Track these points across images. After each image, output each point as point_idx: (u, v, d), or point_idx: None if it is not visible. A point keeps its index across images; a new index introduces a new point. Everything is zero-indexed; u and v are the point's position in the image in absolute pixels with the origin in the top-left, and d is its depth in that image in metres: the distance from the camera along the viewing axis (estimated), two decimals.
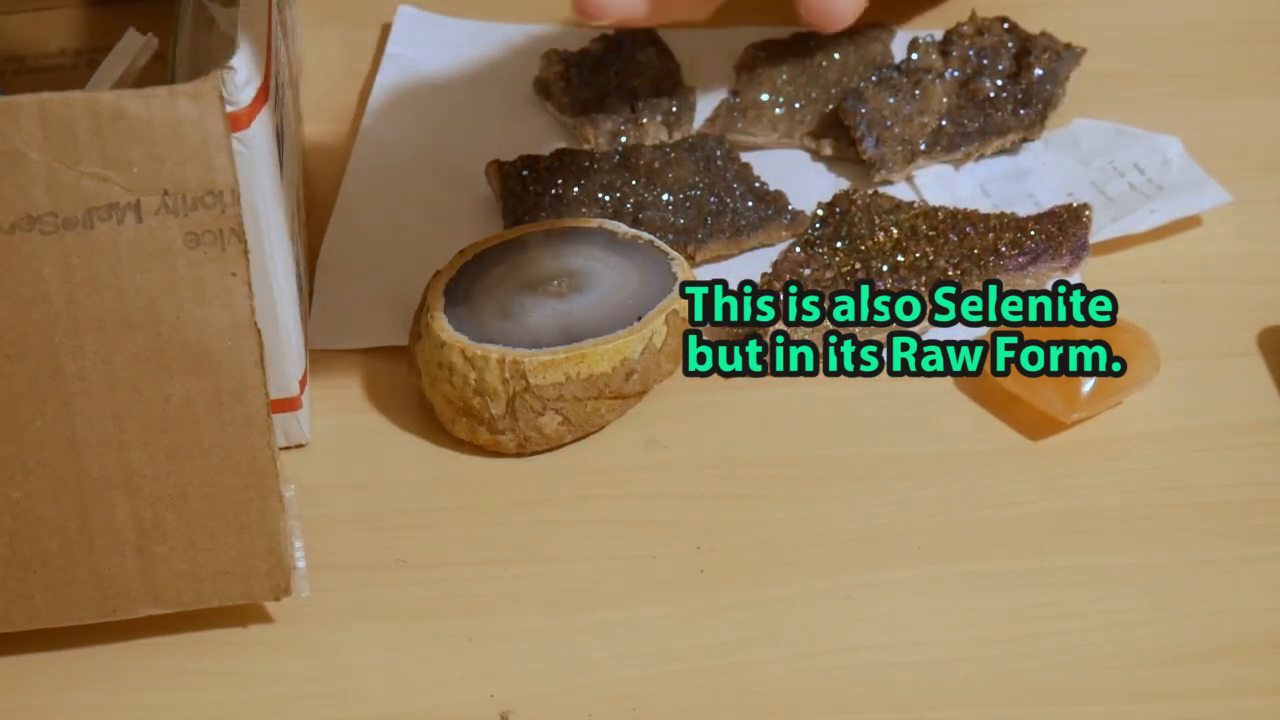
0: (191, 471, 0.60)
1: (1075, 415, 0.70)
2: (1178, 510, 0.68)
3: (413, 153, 0.85)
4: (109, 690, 0.62)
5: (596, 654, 0.63)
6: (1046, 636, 0.63)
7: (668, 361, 0.71)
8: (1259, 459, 0.70)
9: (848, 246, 0.76)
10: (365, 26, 0.94)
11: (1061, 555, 0.66)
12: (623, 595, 0.65)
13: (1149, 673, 0.62)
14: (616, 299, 0.71)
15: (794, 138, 0.84)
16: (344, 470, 0.70)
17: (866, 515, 0.68)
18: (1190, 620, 0.64)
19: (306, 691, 0.62)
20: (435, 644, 0.63)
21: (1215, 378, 0.73)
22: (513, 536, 0.67)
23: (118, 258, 0.59)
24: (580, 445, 0.71)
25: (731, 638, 0.63)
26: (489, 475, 0.70)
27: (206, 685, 0.62)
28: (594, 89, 0.86)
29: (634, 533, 0.67)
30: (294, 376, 0.69)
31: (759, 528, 0.67)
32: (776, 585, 0.65)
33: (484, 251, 0.74)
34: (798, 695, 0.62)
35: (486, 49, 0.92)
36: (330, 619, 0.64)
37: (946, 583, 0.65)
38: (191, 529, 0.61)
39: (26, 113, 0.58)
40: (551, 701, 0.61)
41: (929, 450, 0.70)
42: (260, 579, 0.62)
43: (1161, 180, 0.81)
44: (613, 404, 0.70)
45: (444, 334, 0.69)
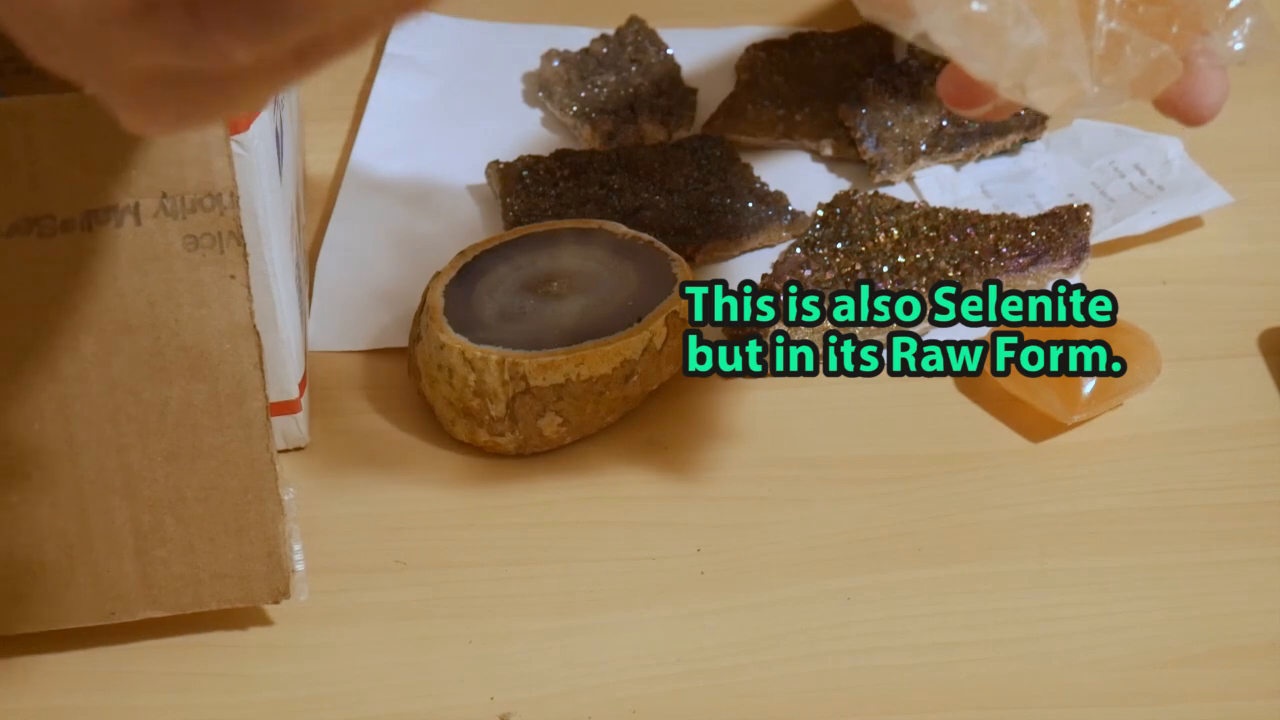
0: (190, 474, 0.60)
1: (1075, 416, 0.70)
2: (1178, 512, 0.68)
3: (412, 153, 0.85)
4: (108, 693, 0.62)
5: (597, 656, 0.63)
6: (1046, 638, 0.63)
7: (668, 362, 0.71)
8: (1259, 460, 0.70)
9: (848, 247, 0.76)
10: None
11: (1061, 557, 0.66)
12: (623, 597, 0.65)
13: (1149, 674, 0.62)
14: (616, 300, 0.71)
15: (794, 138, 0.84)
16: (343, 472, 0.70)
17: (866, 516, 0.68)
18: (1190, 622, 0.64)
19: (306, 694, 0.62)
20: (435, 646, 0.63)
21: (1216, 379, 0.73)
22: (513, 538, 0.67)
23: (116, 260, 0.59)
24: (580, 446, 0.71)
25: (732, 639, 0.63)
26: (489, 477, 0.70)
27: (206, 688, 0.62)
28: (594, 89, 0.86)
29: (634, 534, 0.67)
30: (293, 379, 0.69)
31: (759, 529, 0.67)
32: (777, 586, 0.65)
33: (484, 252, 0.74)
34: (798, 697, 0.61)
35: (486, 49, 0.92)
36: (330, 621, 0.64)
37: (946, 584, 0.65)
38: (190, 532, 0.61)
39: (25, 114, 0.58)
40: (551, 703, 0.61)
41: (929, 450, 0.70)
42: (259, 582, 0.62)
43: (1162, 181, 0.81)
44: (613, 405, 0.70)
45: (444, 335, 0.69)
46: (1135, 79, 0.52)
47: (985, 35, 0.49)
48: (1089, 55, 0.51)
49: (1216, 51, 0.53)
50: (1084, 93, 0.51)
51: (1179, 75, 0.52)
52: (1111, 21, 0.51)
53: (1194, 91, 0.53)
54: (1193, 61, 0.53)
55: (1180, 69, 0.52)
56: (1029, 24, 0.49)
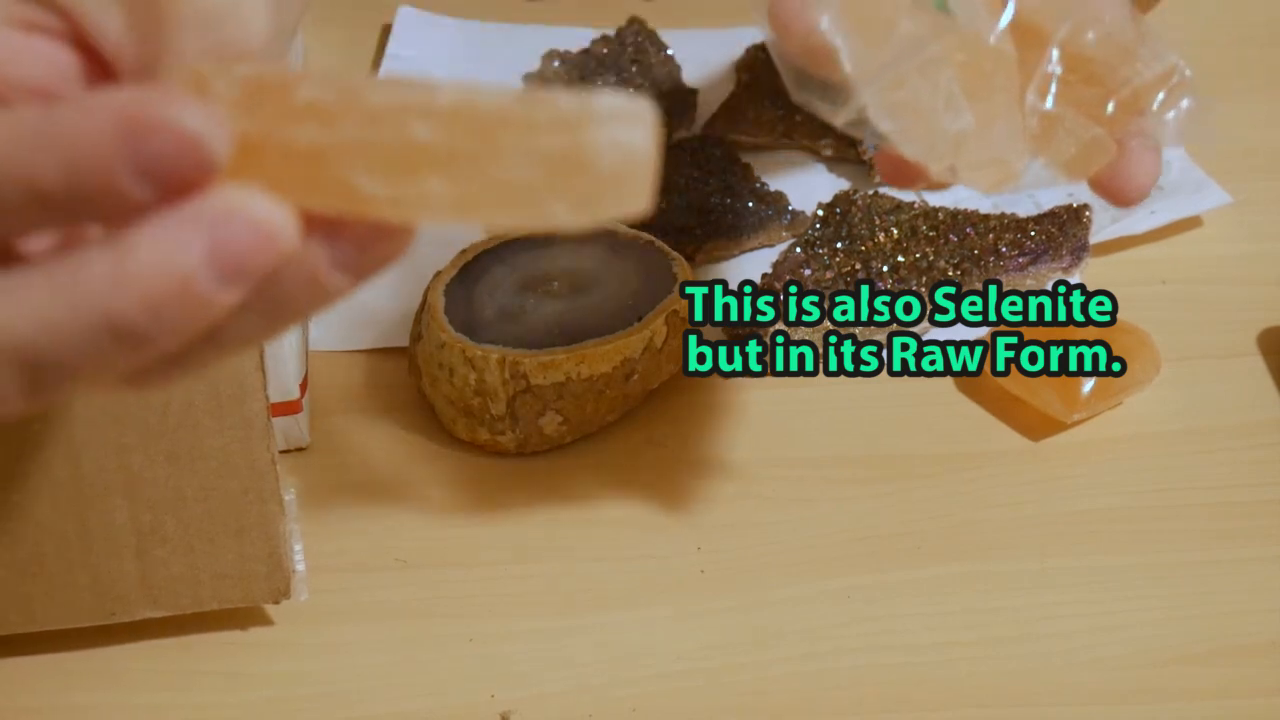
0: (191, 475, 0.60)
1: (1075, 416, 0.70)
2: (1178, 511, 0.68)
3: None
4: (108, 691, 0.62)
5: (597, 654, 0.63)
6: (1046, 637, 0.63)
7: (668, 361, 0.71)
8: (1259, 460, 0.70)
9: (848, 247, 0.76)
10: (366, 27, 0.94)
11: (1061, 556, 0.66)
12: (623, 596, 0.65)
13: (1149, 673, 0.62)
14: (617, 299, 0.71)
15: (794, 138, 0.84)
16: (344, 471, 0.70)
17: (866, 515, 0.68)
18: (1190, 621, 0.64)
19: (307, 693, 0.62)
20: (435, 645, 0.63)
21: (1215, 378, 0.73)
22: (513, 537, 0.67)
23: None
24: (580, 445, 0.71)
25: (732, 638, 0.63)
26: (489, 475, 0.70)
27: (207, 686, 0.62)
28: (594, 89, 0.86)
29: (634, 533, 0.67)
30: (294, 380, 0.69)
31: (759, 528, 0.67)
32: (777, 586, 0.65)
33: (484, 252, 0.74)
34: (798, 695, 0.61)
35: (487, 49, 0.92)
36: (330, 620, 0.64)
37: (946, 583, 0.65)
38: (190, 532, 0.61)
39: None
40: (552, 702, 0.61)
41: (929, 450, 0.70)
42: (259, 582, 0.62)
43: (1162, 181, 0.81)
44: (613, 404, 0.70)
45: (445, 334, 0.69)
46: (1069, 160, 0.52)
47: (917, 119, 0.50)
48: (1024, 134, 0.51)
49: (1151, 133, 0.53)
50: (1015, 175, 0.51)
51: (1112, 156, 0.53)
52: (1045, 103, 0.52)
53: (1124, 174, 0.53)
54: (1126, 143, 0.53)
55: (1114, 150, 0.53)
56: (959, 109, 0.50)
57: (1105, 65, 0.52)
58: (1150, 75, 0.52)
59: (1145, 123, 0.53)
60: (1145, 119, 0.53)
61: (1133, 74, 0.52)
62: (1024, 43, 0.52)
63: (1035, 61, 0.51)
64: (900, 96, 0.49)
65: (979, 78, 0.51)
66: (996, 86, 0.51)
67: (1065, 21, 0.52)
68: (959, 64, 0.50)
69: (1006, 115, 0.51)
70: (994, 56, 0.51)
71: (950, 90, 0.50)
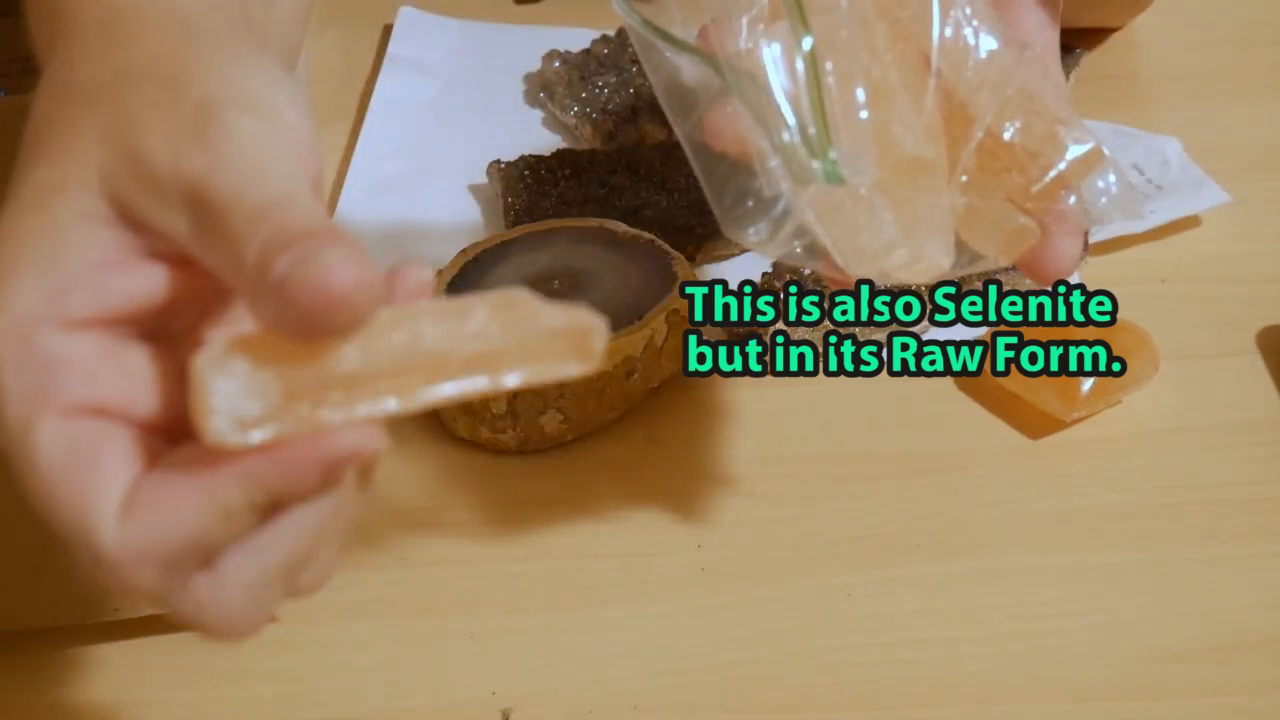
0: None
1: (1075, 414, 0.70)
2: (1177, 509, 0.68)
3: (414, 153, 0.85)
4: (112, 688, 0.62)
5: (598, 651, 0.63)
6: (1046, 634, 0.63)
7: (668, 361, 0.71)
8: (1257, 458, 0.70)
9: None
10: (367, 27, 0.94)
11: (1061, 554, 0.66)
12: (624, 593, 0.65)
13: (1148, 670, 0.62)
14: (617, 298, 0.71)
15: None
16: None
17: (866, 514, 0.68)
18: (1189, 618, 0.64)
19: (308, 688, 0.62)
20: (436, 641, 0.64)
21: (1214, 377, 0.73)
22: (514, 534, 0.67)
23: None
24: (581, 443, 0.71)
25: (732, 635, 0.64)
26: (490, 473, 0.70)
27: (209, 682, 0.62)
28: (594, 89, 0.86)
29: (634, 531, 0.67)
30: None
31: (759, 526, 0.68)
32: (777, 583, 0.65)
33: (485, 251, 0.74)
34: (798, 692, 0.62)
35: (487, 49, 0.92)
36: (332, 616, 0.64)
37: (946, 580, 0.65)
38: None
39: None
40: (553, 699, 0.62)
41: (929, 450, 0.71)
42: None
43: (1161, 180, 0.81)
44: (614, 402, 0.70)
45: None
46: (995, 246, 0.53)
47: (844, 232, 0.51)
48: (950, 225, 0.53)
49: (1074, 216, 0.54)
50: (943, 268, 0.53)
51: (1037, 239, 0.53)
52: (967, 196, 0.53)
53: (1047, 259, 0.54)
54: (1049, 226, 0.53)
55: (1038, 235, 0.53)
56: (881, 221, 0.51)
57: (1027, 153, 0.53)
58: (1073, 159, 0.53)
59: (1069, 207, 0.54)
60: (1069, 202, 0.54)
61: (1057, 157, 0.53)
62: (952, 118, 0.53)
63: (963, 139, 0.52)
64: (823, 209, 0.51)
65: (901, 179, 0.52)
66: (919, 187, 0.52)
67: (991, 105, 0.53)
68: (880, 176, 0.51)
69: (929, 215, 0.52)
70: (916, 154, 0.52)
71: (871, 202, 0.51)
